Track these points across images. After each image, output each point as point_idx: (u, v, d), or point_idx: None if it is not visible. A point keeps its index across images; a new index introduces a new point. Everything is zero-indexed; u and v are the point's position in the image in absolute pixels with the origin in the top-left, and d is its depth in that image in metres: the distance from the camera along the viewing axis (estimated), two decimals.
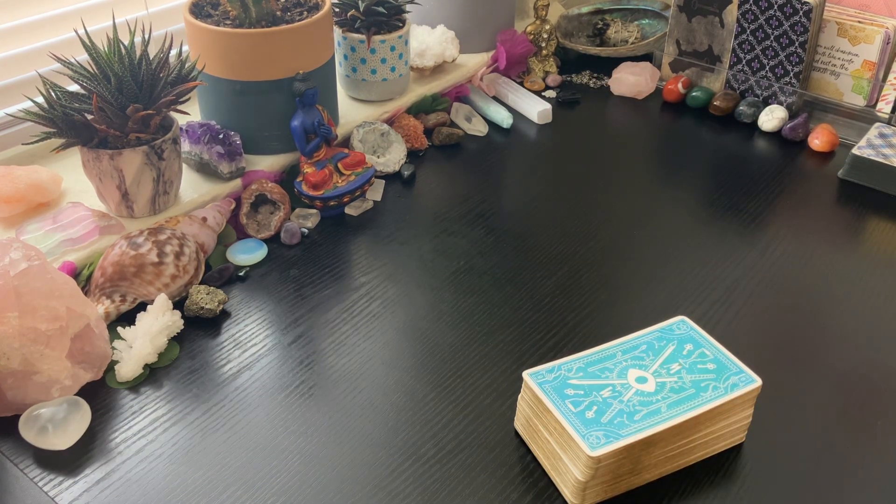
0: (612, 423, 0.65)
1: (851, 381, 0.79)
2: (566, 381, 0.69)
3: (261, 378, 0.79)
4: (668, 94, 1.29)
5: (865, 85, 1.21)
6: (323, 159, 1.03)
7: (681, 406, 0.67)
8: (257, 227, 0.98)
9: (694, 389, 0.68)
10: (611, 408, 0.67)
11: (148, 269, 0.84)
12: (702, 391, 0.68)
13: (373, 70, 1.15)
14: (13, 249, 0.74)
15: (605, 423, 0.65)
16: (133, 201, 0.93)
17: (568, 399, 0.67)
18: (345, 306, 0.88)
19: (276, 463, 0.71)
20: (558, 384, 0.69)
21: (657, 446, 0.66)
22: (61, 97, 0.87)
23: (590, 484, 0.65)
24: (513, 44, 1.31)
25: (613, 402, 0.67)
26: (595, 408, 0.66)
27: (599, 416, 0.66)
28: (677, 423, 0.66)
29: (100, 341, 0.78)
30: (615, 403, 0.67)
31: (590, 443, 0.64)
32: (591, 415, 0.66)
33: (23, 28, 1.05)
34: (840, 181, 1.10)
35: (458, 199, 1.06)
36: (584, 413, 0.66)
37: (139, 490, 0.68)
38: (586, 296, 0.90)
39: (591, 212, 1.04)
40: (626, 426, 0.65)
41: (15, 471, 0.70)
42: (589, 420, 0.65)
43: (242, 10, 1.00)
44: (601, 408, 0.67)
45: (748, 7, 1.20)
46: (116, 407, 0.76)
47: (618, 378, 0.69)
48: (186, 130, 1.02)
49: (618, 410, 0.66)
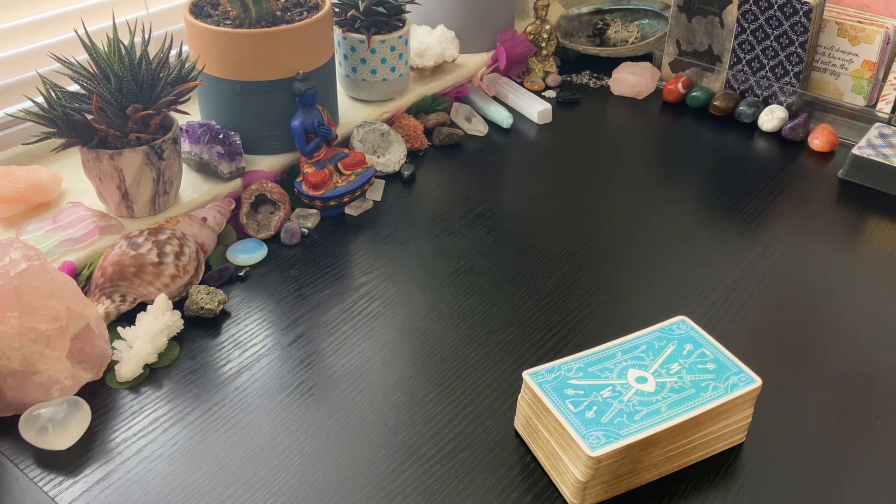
0: (612, 423, 0.65)
1: (851, 381, 0.79)
2: (566, 381, 0.69)
3: (261, 378, 0.79)
4: (668, 94, 1.29)
5: (865, 85, 1.21)
6: (323, 159, 1.03)
7: (681, 406, 0.67)
8: (257, 227, 0.98)
9: (694, 389, 0.68)
10: (611, 408, 0.67)
11: (148, 269, 0.84)
12: (702, 391, 0.68)
13: (373, 70, 1.15)
14: (13, 249, 0.74)
15: (605, 423, 0.65)
16: (133, 201, 0.93)
17: (568, 399, 0.67)
18: (345, 306, 0.88)
19: (276, 463, 0.71)
20: (558, 384, 0.69)
21: (657, 446, 0.66)
22: (61, 97, 0.87)
23: (590, 484, 0.65)
24: (513, 44, 1.31)
25: (613, 402, 0.67)
26: (595, 408, 0.66)
27: (599, 416, 0.66)
28: (677, 424, 0.66)
29: (100, 341, 0.78)
30: (615, 403, 0.67)
31: (590, 443, 0.63)
32: (591, 415, 0.66)
33: (23, 28, 1.05)
34: (840, 181, 1.10)
35: (458, 199, 1.06)
36: (584, 413, 0.66)
37: (139, 490, 0.68)
38: (586, 296, 0.90)
39: (591, 212, 1.04)
40: (626, 426, 0.65)
41: (15, 471, 0.70)
42: (589, 420, 0.65)
43: (242, 10, 1.00)
44: (601, 408, 0.66)
45: (748, 7, 1.20)
46: (116, 407, 0.76)
47: (618, 378, 0.69)
48: (186, 130, 1.02)
49: (618, 410, 0.66)
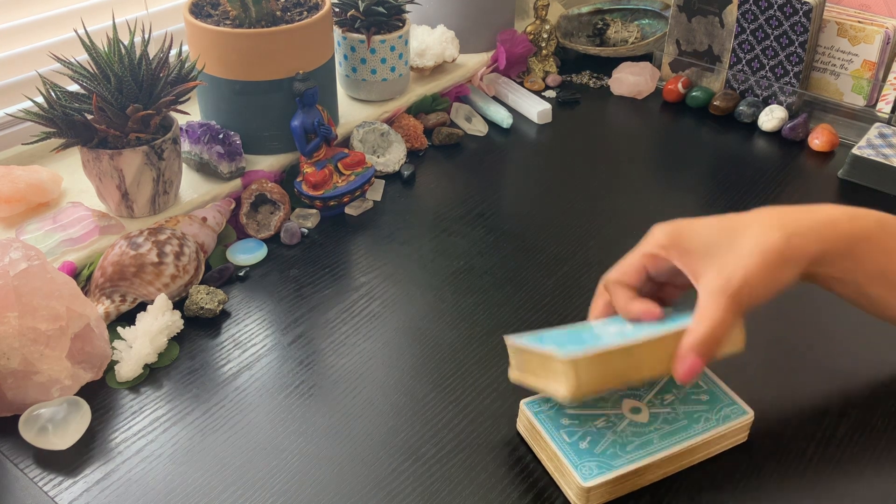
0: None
1: (852, 380, 0.79)
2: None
3: (261, 378, 0.79)
4: (668, 94, 1.29)
5: (865, 85, 1.21)
6: (323, 159, 1.03)
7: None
8: (257, 227, 0.98)
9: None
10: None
11: (148, 269, 0.84)
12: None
13: (373, 70, 1.15)
14: (13, 249, 0.73)
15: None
16: (133, 201, 0.93)
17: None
18: (345, 306, 0.88)
19: (276, 463, 0.71)
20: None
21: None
22: (61, 97, 0.87)
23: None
24: (513, 44, 1.31)
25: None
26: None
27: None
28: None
29: (100, 341, 0.78)
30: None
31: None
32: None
33: (23, 28, 1.05)
34: (840, 181, 1.10)
35: (458, 199, 1.06)
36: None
37: (139, 490, 0.68)
38: (586, 296, 0.89)
39: (591, 212, 1.04)
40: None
41: (15, 471, 0.70)
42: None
43: (242, 10, 1.00)
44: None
45: (748, 7, 1.20)
46: (116, 407, 0.76)
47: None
48: (186, 130, 1.02)
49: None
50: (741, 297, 0.64)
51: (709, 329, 0.63)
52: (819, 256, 0.66)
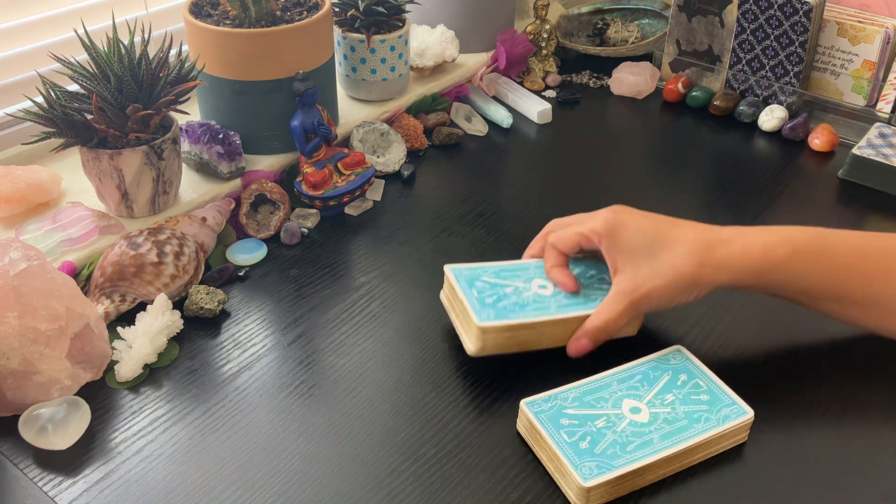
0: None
1: (852, 380, 0.79)
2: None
3: (260, 378, 0.79)
4: (668, 93, 1.29)
5: (865, 85, 1.21)
6: (323, 159, 1.03)
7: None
8: (257, 226, 0.98)
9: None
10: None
11: (148, 269, 0.84)
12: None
13: (372, 70, 1.15)
14: (13, 249, 0.73)
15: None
16: (133, 201, 0.93)
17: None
18: (345, 306, 0.88)
19: (276, 463, 0.71)
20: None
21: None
22: (61, 97, 0.87)
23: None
24: (513, 44, 1.31)
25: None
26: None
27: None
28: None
29: (100, 341, 0.78)
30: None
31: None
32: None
33: (23, 28, 1.05)
34: (840, 181, 1.10)
35: (458, 199, 1.06)
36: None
37: (139, 490, 0.68)
38: None
39: (591, 211, 1.03)
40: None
41: (15, 471, 0.70)
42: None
43: (242, 9, 1.00)
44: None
45: (748, 7, 1.20)
46: (116, 407, 0.76)
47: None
48: (186, 130, 1.02)
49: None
50: (640, 304, 0.76)
51: (604, 322, 0.76)
52: (729, 285, 0.76)
